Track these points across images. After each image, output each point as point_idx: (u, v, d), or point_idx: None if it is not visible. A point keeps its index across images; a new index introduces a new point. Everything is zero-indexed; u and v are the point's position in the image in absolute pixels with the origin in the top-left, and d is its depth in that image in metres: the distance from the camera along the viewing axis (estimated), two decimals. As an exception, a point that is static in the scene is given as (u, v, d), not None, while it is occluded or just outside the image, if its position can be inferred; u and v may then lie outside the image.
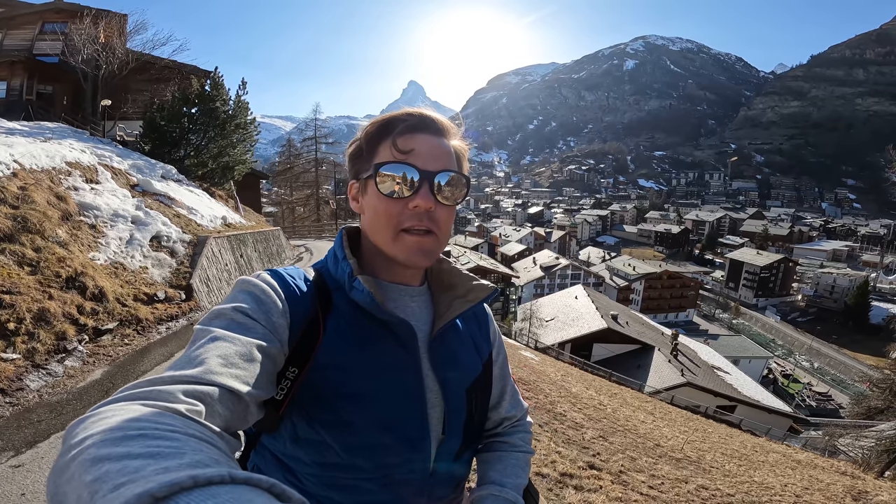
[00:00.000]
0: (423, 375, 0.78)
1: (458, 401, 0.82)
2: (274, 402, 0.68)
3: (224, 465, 0.33)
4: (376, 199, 0.76)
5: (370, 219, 0.79)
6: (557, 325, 29.16)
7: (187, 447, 0.36)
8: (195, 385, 0.50)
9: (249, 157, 18.61)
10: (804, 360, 51.77)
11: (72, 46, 15.59)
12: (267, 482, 0.32)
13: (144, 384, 0.48)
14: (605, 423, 8.20)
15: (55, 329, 5.13)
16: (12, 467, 3.19)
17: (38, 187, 6.93)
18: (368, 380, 0.73)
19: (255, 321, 0.66)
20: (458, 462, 0.84)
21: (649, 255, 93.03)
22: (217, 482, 0.29)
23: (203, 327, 0.62)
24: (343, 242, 0.82)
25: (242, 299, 0.68)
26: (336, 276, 0.80)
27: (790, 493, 6.63)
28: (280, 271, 0.77)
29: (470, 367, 0.86)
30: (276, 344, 0.66)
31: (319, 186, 41.52)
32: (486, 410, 0.92)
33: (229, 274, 10.17)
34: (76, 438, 0.36)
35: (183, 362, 0.56)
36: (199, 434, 0.40)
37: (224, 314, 0.65)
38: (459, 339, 0.87)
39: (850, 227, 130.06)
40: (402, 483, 0.76)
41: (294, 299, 0.73)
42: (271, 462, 0.78)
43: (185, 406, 0.45)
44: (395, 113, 0.80)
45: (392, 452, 0.74)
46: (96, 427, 0.37)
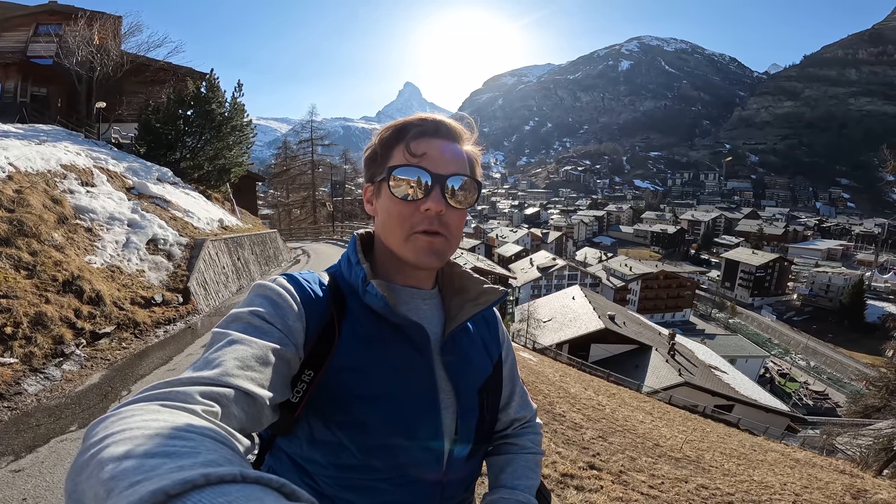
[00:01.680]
0: (436, 377, 0.80)
1: (470, 401, 0.83)
2: (289, 404, 0.70)
3: (236, 465, 0.33)
4: (389, 201, 0.78)
5: (383, 221, 0.81)
6: (555, 326, 29.17)
7: (202, 447, 0.36)
8: (212, 387, 0.52)
9: (246, 160, 18.56)
10: (800, 359, 51.98)
11: (66, 48, 15.54)
12: (277, 482, 0.32)
13: (163, 385, 0.49)
14: (604, 423, 8.20)
15: (52, 333, 5.10)
16: (12, 472, 3.17)
17: (34, 190, 6.89)
18: (383, 381, 0.74)
19: (272, 325, 0.67)
20: (470, 462, 0.84)
21: (646, 256, 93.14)
22: (229, 481, 0.30)
23: (221, 330, 0.64)
24: (357, 247, 0.84)
25: (259, 303, 0.69)
26: (350, 281, 0.81)
27: (790, 491, 6.64)
28: (296, 275, 0.79)
29: (481, 369, 0.88)
30: (291, 347, 0.67)
31: (316, 188, 41.46)
32: (497, 411, 0.94)
33: (227, 277, 10.13)
34: (96, 437, 0.37)
35: (201, 364, 0.57)
36: (214, 435, 0.41)
37: (241, 318, 0.66)
38: (470, 341, 0.88)
39: (844, 226, 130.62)
40: (415, 483, 0.77)
41: (310, 303, 0.74)
42: (287, 464, 0.78)
43: (201, 407, 0.47)
44: (409, 118, 0.82)
45: (406, 452, 0.75)
46: (115, 427, 0.38)
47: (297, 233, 32.58)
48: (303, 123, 42.09)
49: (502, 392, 0.95)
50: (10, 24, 17.56)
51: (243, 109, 16.88)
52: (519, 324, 30.02)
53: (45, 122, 13.69)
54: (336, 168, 43.37)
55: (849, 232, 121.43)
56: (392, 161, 0.78)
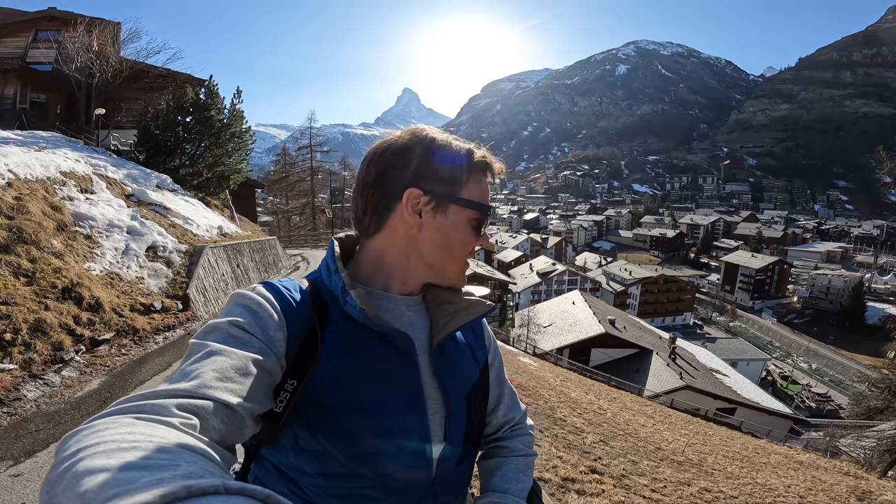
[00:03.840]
0: (423, 383, 0.79)
1: (457, 407, 0.82)
2: (272, 414, 0.68)
3: (218, 477, 0.33)
4: (462, 229, 0.82)
5: (440, 242, 0.81)
6: (555, 331, 29.15)
7: (181, 459, 0.35)
8: (189, 399, 0.51)
9: (245, 167, 18.58)
10: (802, 362, 51.95)
11: (65, 54, 15.60)
12: (262, 493, 0.32)
13: (138, 398, 0.48)
14: (605, 427, 8.17)
15: (52, 339, 5.09)
16: (11, 476, 3.18)
17: (33, 197, 6.89)
18: (368, 389, 0.73)
19: (252, 335, 0.66)
20: (459, 468, 0.84)
21: (645, 260, 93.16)
22: (211, 492, 0.29)
23: (199, 341, 0.62)
24: (335, 254, 0.81)
25: (238, 313, 0.68)
26: (330, 288, 0.79)
27: (794, 493, 6.61)
28: (276, 284, 0.76)
29: (468, 374, 0.87)
30: (272, 357, 0.66)
31: (315, 195, 41.47)
32: (485, 415, 0.94)
33: (226, 284, 10.12)
34: (69, 451, 0.36)
35: (178, 376, 0.56)
36: (193, 447, 0.40)
37: (220, 328, 0.65)
38: (457, 348, 0.88)
39: (842, 228, 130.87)
40: (405, 490, 0.76)
41: (291, 312, 0.73)
42: (274, 474, 0.77)
43: (179, 420, 0.46)
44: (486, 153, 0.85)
45: (394, 460, 0.73)
46: (89, 440, 0.37)
47: (297, 240, 32.54)
48: (302, 130, 42.17)
49: (490, 395, 0.94)
50: (9, 31, 17.59)
51: (242, 116, 16.91)
52: (519, 329, 29.99)
53: (44, 128, 13.72)
54: (335, 174, 43.41)
55: (847, 234, 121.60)
56: (471, 191, 0.82)
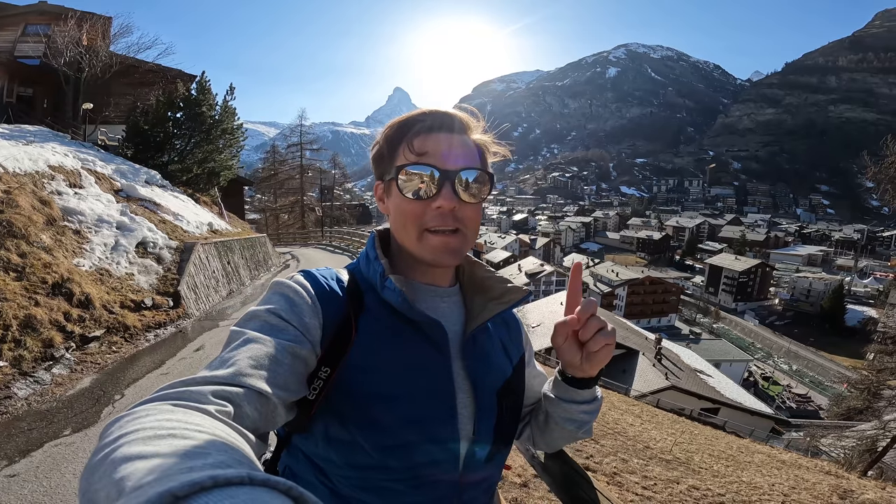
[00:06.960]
0: (454, 375, 0.78)
1: (488, 402, 0.81)
2: (305, 402, 0.69)
3: (245, 467, 0.33)
4: (400, 200, 0.77)
5: (395, 220, 0.80)
6: (544, 332, 29.24)
7: (212, 448, 0.36)
8: (225, 386, 0.52)
9: (235, 163, 18.41)
10: (783, 363, 52.83)
11: (54, 48, 15.31)
12: (285, 484, 0.32)
13: (178, 384, 0.49)
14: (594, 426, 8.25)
15: (42, 336, 5.02)
16: (7, 476, 3.10)
17: (22, 191, 6.78)
18: (400, 379, 0.73)
19: (288, 323, 0.67)
20: (489, 465, 0.82)
21: (632, 262, 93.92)
22: (236, 483, 0.30)
23: (237, 329, 0.65)
24: (375, 243, 0.82)
25: (276, 301, 0.70)
26: (368, 277, 0.80)
27: (778, 492, 6.75)
28: (314, 272, 0.78)
29: (500, 370, 0.85)
30: (307, 345, 0.67)
31: (304, 193, 41.17)
32: (519, 414, 0.91)
33: (217, 281, 10.03)
34: (110, 437, 0.38)
35: (216, 364, 0.58)
36: (226, 435, 0.41)
37: (258, 316, 0.67)
38: (490, 342, 0.87)
39: (824, 232, 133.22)
40: (433, 484, 0.75)
41: (326, 300, 0.74)
42: (304, 463, 0.77)
43: (214, 407, 0.47)
44: (413, 113, 0.80)
45: (422, 453, 0.73)
46: (129, 426, 0.38)
47: (286, 238, 32.27)
48: (291, 127, 41.81)
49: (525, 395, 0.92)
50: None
51: (234, 112, 16.75)
52: (508, 328, 29.96)
53: (31, 122, 13.47)
54: (325, 173, 43.11)
55: (829, 238, 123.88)
56: (399, 159, 0.77)
